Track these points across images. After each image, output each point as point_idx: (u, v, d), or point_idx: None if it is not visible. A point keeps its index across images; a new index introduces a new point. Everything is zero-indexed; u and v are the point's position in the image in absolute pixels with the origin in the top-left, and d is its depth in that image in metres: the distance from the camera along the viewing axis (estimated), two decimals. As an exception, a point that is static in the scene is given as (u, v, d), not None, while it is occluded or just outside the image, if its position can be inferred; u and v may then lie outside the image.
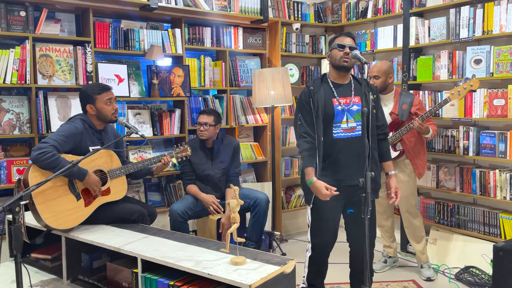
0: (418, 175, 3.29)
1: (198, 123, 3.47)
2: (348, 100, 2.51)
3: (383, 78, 3.20)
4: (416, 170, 3.26)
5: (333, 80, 2.56)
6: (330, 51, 2.54)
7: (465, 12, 3.45)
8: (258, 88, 3.85)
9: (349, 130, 2.49)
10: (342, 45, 2.47)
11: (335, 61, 2.51)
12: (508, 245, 2.66)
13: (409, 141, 3.22)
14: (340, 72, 2.53)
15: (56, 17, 3.41)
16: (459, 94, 3.06)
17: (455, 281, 3.22)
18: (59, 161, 2.46)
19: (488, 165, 3.50)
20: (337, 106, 2.49)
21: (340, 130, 2.48)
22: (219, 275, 1.90)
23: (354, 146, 2.47)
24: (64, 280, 2.61)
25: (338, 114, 2.48)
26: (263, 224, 3.45)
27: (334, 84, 2.54)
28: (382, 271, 3.44)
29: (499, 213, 3.29)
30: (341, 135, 2.48)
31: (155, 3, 3.46)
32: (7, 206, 1.75)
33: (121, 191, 2.81)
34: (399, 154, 3.23)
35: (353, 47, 2.47)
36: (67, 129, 2.66)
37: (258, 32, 4.31)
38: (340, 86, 2.54)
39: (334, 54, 2.50)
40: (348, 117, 2.49)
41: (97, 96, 2.75)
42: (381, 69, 3.20)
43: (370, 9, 4.27)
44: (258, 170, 4.39)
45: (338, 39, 2.52)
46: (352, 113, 2.49)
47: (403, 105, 3.20)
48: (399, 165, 3.27)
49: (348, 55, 2.45)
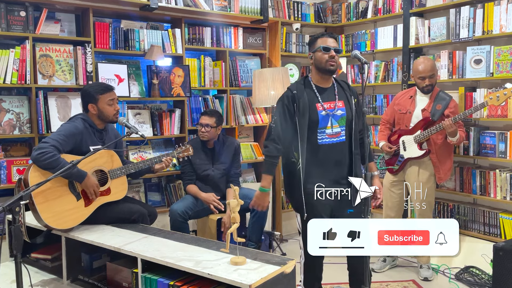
0: (438, 179, 3.25)
1: (200, 124, 3.46)
2: (332, 104, 2.44)
3: (436, 74, 3.21)
4: (437, 174, 3.22)
5: (316, 83, 2.48)
6: (313, 52, 2.45)
7: (465, 12, 3.45)
8: (258, 88, 3.85)
9: (334, 135, 2.43)
10: (327, 47, 2.39)
11: (320, 64, 2.42)
12: (508, 245, 2.67)
13: (435, 143, 3.17)
14: (325, 75, 2.46)
15: (56, 17, 3.41)
16: (498, 99, 2.96)
17: (455, 281, 3.22)
18: (59, 162, 2.45)
19: (488, 165, 3.50)
20: (321, 111, 2.42)
21: (325, 136, 2.42)
22: (219, 275, 1.90)
23: (338, 152, 2.43)
24: (64, 280, 2.61)
25: (323, 120, 2.42)
26: (262, 224, 3.45)
27: (318, 88, 2.47)
28: (381, 270, 3.44)
29: (499, 213, 3.29)
30: (326, 141, 2.42)
31: (155, 3, 3.46)
32: (7, 206, 1.75)
33: (122, 191, 2.81)
34: (424, 153, 3.18)
35: (338, 50, 2.42)
36: (68, 128, 2.65)
37: (258, 32, 4.31)
38: (323, 90, 2.47)
39: (318, 57, 2.42)
40: (333, 122, 2.43)
41: (100, 96, 2.74)
42: (434, 66, 3.17)
43: (370, 9, 4.27)
44: (258, 170, 4.39)
45: (320, 40, 2.44)
46: (337, 118, 2.43)
47: (438, 105, 3.15)
48: (422, 165, 3.22)
49: (333, 58, 2.39)
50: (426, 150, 3.19)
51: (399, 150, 3.30)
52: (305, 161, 2.40)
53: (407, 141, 3.25)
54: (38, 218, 2.50)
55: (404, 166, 3.28)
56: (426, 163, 3.23)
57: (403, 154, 3.27)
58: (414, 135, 3.20)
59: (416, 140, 3.19)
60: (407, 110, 3.27)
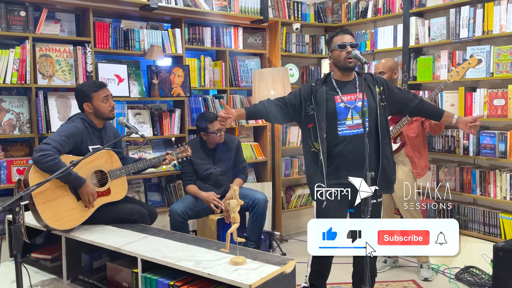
0: (416, 175, 3.29)
1: (217, 131, 3.39)
2: (353, 97, 2.48)
3: (388, 74, 3.25)
4: (414, 169, 3.27)
5: (337, 78, 2.54)
6: (331, 52, 2.51)
7: (465, 12, 3.45)
8: (258, 88, 3.85)
9: (354, 127, 2.46)
10: (343, 44, 2.44)
11: (339, 63, 2.48)
12: (508, 245, 2.67)
13: (408, 136, 3.22)
14: (345, 72, 2.51)
15: (56, 17, 3.41)
16: (458, 74, 3.05)
17: (455, 281, 3.22)
18: (59, 166, 2.44)
19: (488, 165, 3.50)
20: (339, 103, 2.47)
21: (345, 127, 2.46)
22: (219, 275, 1.90)
23: (359, 143, 2.43)
24: (64, 280, 2.61)
25: (342, 112, 2.46)
26: (261, 224, 3.45)
27: (338, 82, 2.52)
28: (382, 271, 3.44)
29: (499, 213, 3.29)
30: (346, 132, 2.46)
31: (155, 3, 3.46)
32: (7, 206, 1.75)
33: (122, 191, 2.81)
34: (399, 146, 3.23)
35: (354, 44, 2.45)
36: (68, 129, 2.65)
37: (258, 32, 4.31)
38: (344, 84, 2.51)
39: (336, 56, 2.47)
40: (353, 114, 2.46)
41: (94, 94, 2.75)
42: (386, 65, 3.26)
43: (370, 9, 4.27)
44: (258, 170, 4.39)
45: (336, 38, 2.49)
46: (358, 110, 2.46)
47: None
48: (399, 161, 3.26)
49: (350, 54, 2.42)
50: (400, 143, 3.24)
51: None
52: (325, 151, 2.44)
53: None
54: (38, 219, 2.50)
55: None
56: (403, 160, 3.27)
57: None
58: None
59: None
60: None
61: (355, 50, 2.40)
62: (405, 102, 2.62)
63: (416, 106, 2.62)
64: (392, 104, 2.58)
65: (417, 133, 3.24)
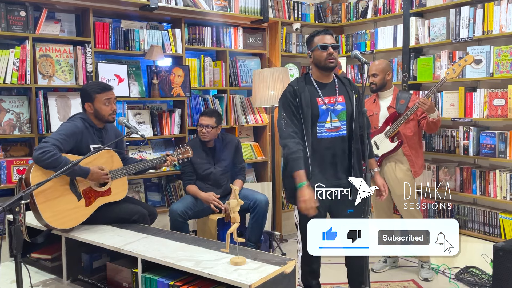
0: (414, 174, 3.29)
1: (200, 125, 3.46)
2: (333, 99, 2.48)
3: (381, 75, 3.28)
4: (412, 168, 3.27)
5: (316, 79, 2.52)
6: (312, 51, 2.48)
7: (465, 12, 3.45)
8: (258, 88, 3.85)
9: (333, 129, 2.47)
10: (324, 45, 2.42)
11: (319, 63, 2.46)
12: (508, 245, 2.67)
13: (405, 135, 3.23)
14: (325, 72, 2.50)
15: (56, 17, 3.41)
16: (454, 71, 3.05)
17: (455, 281, 3.22)
18: (60, 161, 2.45)
19: (488, 165, 3.50)
20: (322, 105, 2.46)
21: (324, 130, 2.46)
22: (219, 275, 1.90)
23: (338, 146, 2.46)
24: (64, 280, 2.61)
25: (323, 114, 2.46)
26: (262, 225, 3.45)
27: (318, 83, 2.51)
28: (382, 271, 3.44)
29: (499, 213, 3.29)
30: (324, 135, 2.46)
31: (155, 3, 3.46)
32: (7, 206, 1.75)
33: (122, 191, 2.81)
34: (397, 145, 3.23)
35: (335, 45, 2.44)
36: (68, 128, 2.65)
37: (258, 32, 4.31)
38: (324, 85, 2.51)
39: (317, 56, 2.45)
40: (332, 116, 2.46)
41: (96, 96, 2.75)
42: (379, 67, 3.29)
43: (370, 9, 4.27)
44: (258, 170, 4.39)
45: (317, 38, 2.46)
46: (337, 113, 2.47)
47: (401, 100, 3.26)
48: (397, 160, 3.27)
49: (332, 55, 2.42)
50: (398, 142, 3.24)
51: None
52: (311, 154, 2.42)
53: (379, 139, 3.30)
54: (38, 218, 2.50)
55: (381, 165, 3.32)
56: (401, 159, 3.27)
57: (377, 153, 3.31)
58: (385, 131, 3.27)
59: (387, 134, 3.25)
60: (373, 112, 3.36)
61: (355, 51, 2.39)
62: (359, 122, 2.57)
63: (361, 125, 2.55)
64: None
65: (414, 132, 3.25)
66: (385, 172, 3.31)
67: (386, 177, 3.31)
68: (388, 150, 3.26)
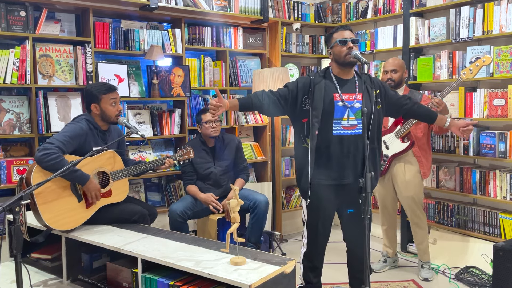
0: (423, 175, 3.27)
1: (208, 121, 3.42)
2: (352, 96, 2.44)
3: (400, 72, 3.25)
4: (422, 169, 3.25)
5: (336, 75, 2.49)
6: (331, 48, 2.47)
7: (465, 12, 3.45)
8: (258, 88, 3.84)
9: (349, 127, 2.43)
10: (344, 40, 2.40)
11: (340, 59, 2.43)
12: (508, 245, 2.67)
13: (416, 136, 3.21)
14: (345, 68, 2.47)
15: (56, 17, 3.41)
16: (471, 72, 2.99)
17: (455, 281, 3.22)
18: (62, 164, 2.43)
19: (488, 165, 3.50)
20: (338, 102, 2.42)
21: (340, 127, 2.43)
22: (219, 275, 1.90)
23: (352, 144, 2.44)
24: (64, 280, 2.61)
25: (339, 111, 2.42)
26: (262, 226, 3.45)
27: (338, 79, 2.47)
28: (382, 271, 3.44)
29: (499, 213, 3.29)
30: (340, 132, 2.43)
31: (155, 3, 3.46)
32: (7, 206, 1.75)
33: (123, 192, 2.81)
34: (408, 145, 3.20)
35: (355, 40, 2.42)
36: (73, 129, 2.64)
37: (258, 32, 4.31)
38: (344, 82, 2.47)
39: (337, 51, 2.43)
40: (350, 114, 2.43)
41: (103, 96, 2.74)
42: (399, 63, 3.25)
43: (370, 9, 4.27)
44: (258, 170, 4.39)
45: (336, 34, 2.46)
46: (354, 111, 2.43)
47: None
48: (407, 161, 3.25)
49: (351, 49, 2.39)
50: (410, 142, 3.22)
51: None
52: (314, 149, 2.41)
53: (388, 139, 3.28)
54: (38, 219, 2.50)
55: (390, 165, 3.31)
56: (411, 159, 3.25)
57: (387, 153, 3.30)
58: (395, 131, 3.26)
59: (398, 134, 3.23)
60: None
61: (355, 50, 2.37)
62: (400, 104, 2.62)
63: (410, 109, 2.64)
64: (388, 106, 2.58)
65: (424, 132, 3.23)
66: (394, 173, 3.29)
67: (394, 178, 3.31)
68: (399, 150, 3.23)
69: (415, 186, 3.24)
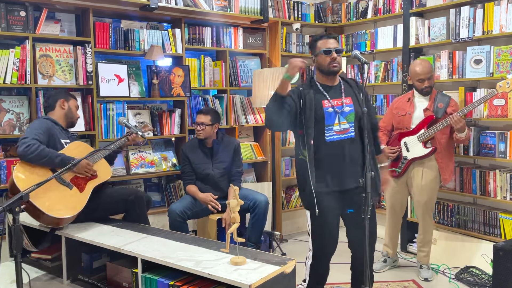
0: (443, 181, 3.25)
1: (195, 123, 3.47)
2: (339, 101, 2.46)
3: (433, 77, 3.24)
4: (442, 175, 3.21)
5: (321, 82, 2.50)
6: (315, 56, 2.48)
7: (465, 12, 3.45)
8: (258, 88, 3.85)
9: (341, 132, 2.44)
10: (328, 50, 2.41)
11: (323, 68, 2.45)
12: (508, 245, 2.67)
13: (439, 142, 3.17)
14: (329, 76, 2.48)
15: (56, 17, 3.41)
16: (508, 86, 2.94)
17: (455, 281, 3.22)
18: (46, 152, 2.56)
19: (488, 165, 3.50)
20: (328, 108, 2.43)
21: (333, 133, 2.43)
22: (219, 275, 1.90)
23: (347, 148, 2.44)
24: (64, 280, 2.61)
25: (330, 117, 2.43)
26: (262, 225, 3.45)
27: (324, 86, 2.49)
28: (381, 271, 3.44)
29: (499, 213, 3.29)
30: (334, 138, 2.43)
31: (155, 3, 3.46)
32: (7, 206, 1.75)
33: (106, 169, 2.93)
34: (430, 151, 3.16)
35: (339, 50, 2.43)
36: (40, 124, 2.74)
37: (258, 32, 4.31)
38: (329, 88, 2.49)
39: (321, 60, 2.45)
40: (340, 118, 2.44)
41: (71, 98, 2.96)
42: (430, 67, 3.20)
43: (370, 9, 4.27)
44: (258, 170, 4.39)
45: (320, 43, 2.45)
46: (345, 115, 2.44)
47: (439, 104, 3.16)
48: (426, 166, 3.21)
49: (335, 60, 2.41)
50: (432, 148, 3.16)
51: (401, 153, 3.29)
52: (313, 159, 2.40)
53: (410, 142, 3.24)
54: (39, 215, 2.47)
55: (408, 168, 3.27)
56: (431, 164, 3.20)
57: (406, 155, 3.26)
58: (418, 134, 3.19)
59: (420, 138, 3.18)
60: (406, 111, 3.28)
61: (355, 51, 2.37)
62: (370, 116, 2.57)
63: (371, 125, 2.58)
64: None
65: (448, 138, 3.19)
66: (411, 176, 3.27)
67: (410, 181, 3.28)
68: (420, 155, 3.19)
69: (429, 191, 3.21)
